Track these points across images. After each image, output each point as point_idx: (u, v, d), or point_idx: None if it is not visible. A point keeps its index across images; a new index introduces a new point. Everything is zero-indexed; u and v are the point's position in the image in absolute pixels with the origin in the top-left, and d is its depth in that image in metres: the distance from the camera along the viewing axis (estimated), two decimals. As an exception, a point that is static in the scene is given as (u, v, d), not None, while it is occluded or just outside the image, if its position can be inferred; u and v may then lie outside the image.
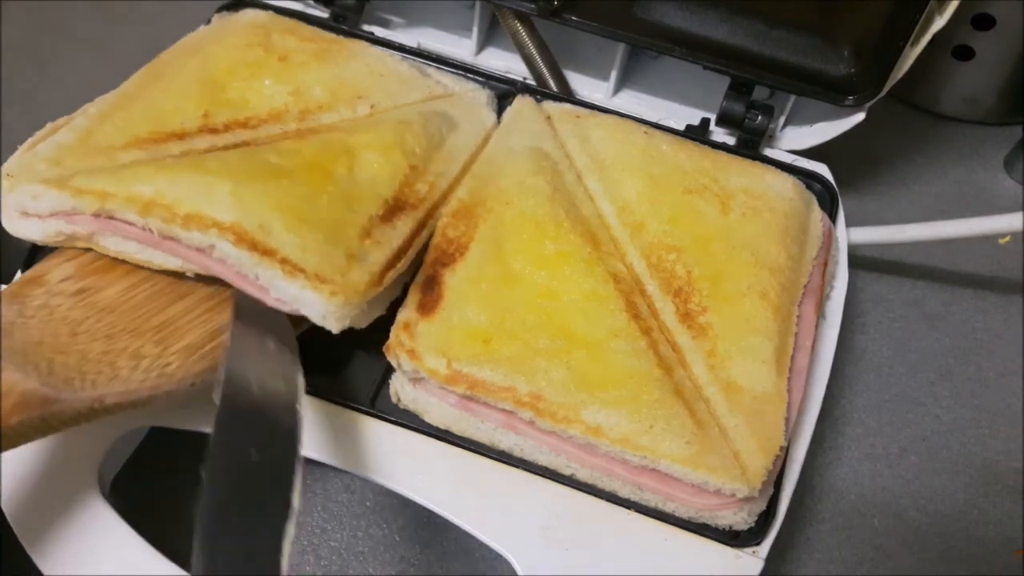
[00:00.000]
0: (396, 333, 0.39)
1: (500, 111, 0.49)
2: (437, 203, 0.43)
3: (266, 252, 0.36)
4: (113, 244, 0.38)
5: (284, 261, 0.36)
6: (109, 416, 0.33)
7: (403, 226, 0.41)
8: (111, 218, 0.37)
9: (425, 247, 0.42)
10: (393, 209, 0.41)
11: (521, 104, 0.49)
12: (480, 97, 0.50)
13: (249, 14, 0.51)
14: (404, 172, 0.42)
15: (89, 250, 0.39)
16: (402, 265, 0.40)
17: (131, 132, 0.41)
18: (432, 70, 0.51)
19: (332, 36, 0.50)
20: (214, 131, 0.42)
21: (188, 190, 0.37)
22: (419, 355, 0.38)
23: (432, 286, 0.40)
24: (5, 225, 0.39)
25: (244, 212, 0.37)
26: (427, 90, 0.49)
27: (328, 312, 0.37)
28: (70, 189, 0.37)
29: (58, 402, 0.31)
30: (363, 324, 0.39)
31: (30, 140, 0.40)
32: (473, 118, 0.48)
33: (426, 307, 0.39)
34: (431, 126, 0.45)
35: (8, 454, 0.35)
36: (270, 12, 0.51)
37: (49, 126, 0.41)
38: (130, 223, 0.37)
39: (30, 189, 0.37)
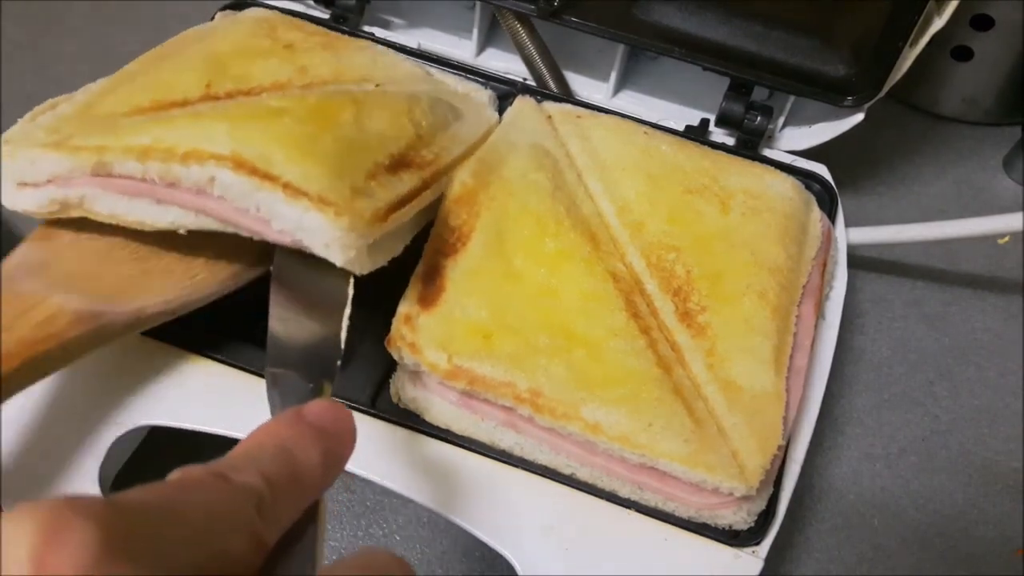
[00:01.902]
0: (397, 326, 0.39)
1: (500, 112, 0.49)
2: (441, 171, 0.42)
3: (267, 177, 0.34)
4: (106, 206, 0.37)
5: (287, 186, 0.34)
6: (154, 323, 0.38)
7: (408, 180, 0.40)
8: (109, 175, 0.36)
9: (429, 213, 0.41)
10: (399, 164, 0.40)
11: (522, 104, 0.49)
12: (482, 97, 0.50)
13: (254, 11, 0.51)
14: (411, 136, 0.41)
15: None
16: (407, 211, 0.38)
17: (133, 102, 0.41)
18: (435, 71, 0.51)
19: (338, 34, 0.50)
20: (216, 99, 0.41)
21: (185, 134, 0.36)
22: (420, 349, 0.38)
23: (433, 277, 0.40)
24: (4, 200, 0.38)
25: (244, 144, 0.35)
26: (431, 85, 0.49)
27: (333, 238, 0.34)
28: (67, 148, 0.36)
29: (105, 315, 0.35)
30: (364, 269, 0.36)
31: (30, 113, 0.40)
32: (477, 115, 0.48)
33: (427, 300, 0.39)
34: (438, 109, 0.45)
35: (7, 452, 0.36)
36: (275, 11, 0.51)
37: (49, 102, 0.41)
38: (128, 176, 0.36)
39: (28, 154, 0.37)
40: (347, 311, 0.34)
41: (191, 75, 0.42)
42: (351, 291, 0.35)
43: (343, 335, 0.33)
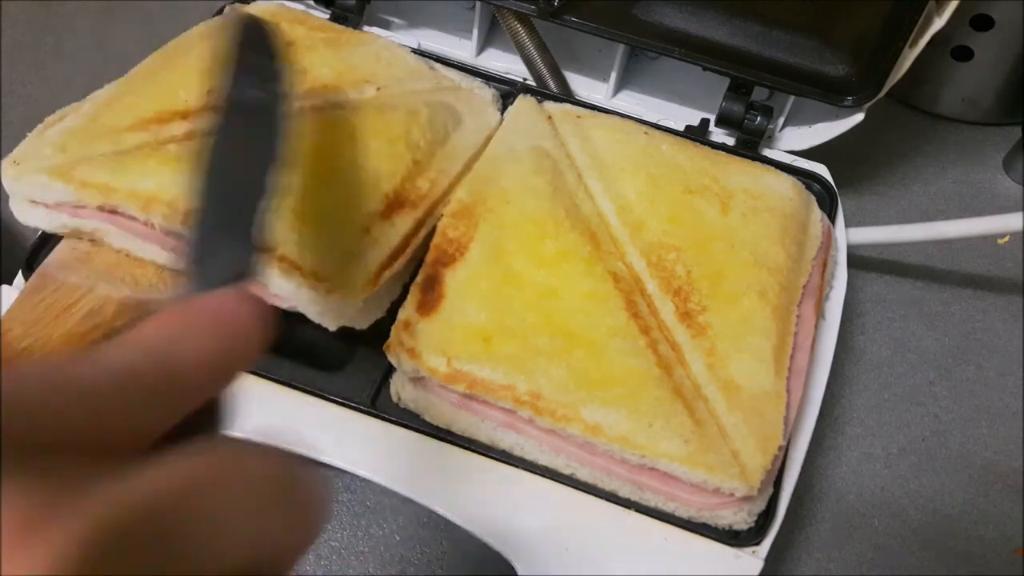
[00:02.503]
0: (396, 332, 0.39)
1: (501, 111, 0.49)
2: (436, 202, 0.43)
3: (263, 249, 0.35)
4: (117, 240, 0.39)
5: (281, 259, 0.36)
6: None
7: (402, 224, 0.41)
8: (115, 212, 0.37)
9: (423, 247, 0.42)
10: (393, 205, 0.41)
11: (523, 104, 0.49)
12: (486, 95, 0.50)
13: (260, 5, 0.51)
14: (407, 166, 0.42)
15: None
16: (398, 265, 0.40)
17: (136, 113, 0.41)
18: (439, 66, 0.51)
19: (342, 28, 0.50)
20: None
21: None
22: (419, 354, 0.38)
23: (432, 286, 0.40)
24: (15, 213, 0.39)
25: None
26: (435, 81, 0.49)
27: (325, 310, 0.37)
28: (75, 182, 0.37)
29: (151, 303, 0.36)
30: (362, 325, 0.39)
31: (40, 126, 0.41)
32: (478, 116, 0.48)
33: (426, 306, 0.39)
34: (437, 121, 0.45)
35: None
36: (280, 3, 0.51)
37: (59, 112, 0.41)
38: (133, 218, 0.37)
39: (36, 179, 0.38)
40: (268, 200, 0.31)
41: (192, 81, 0.42)
42: (274, 179, 0.33)
43: (265, 222, 0.30)
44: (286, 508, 0.18)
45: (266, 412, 0.39)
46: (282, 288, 0.37)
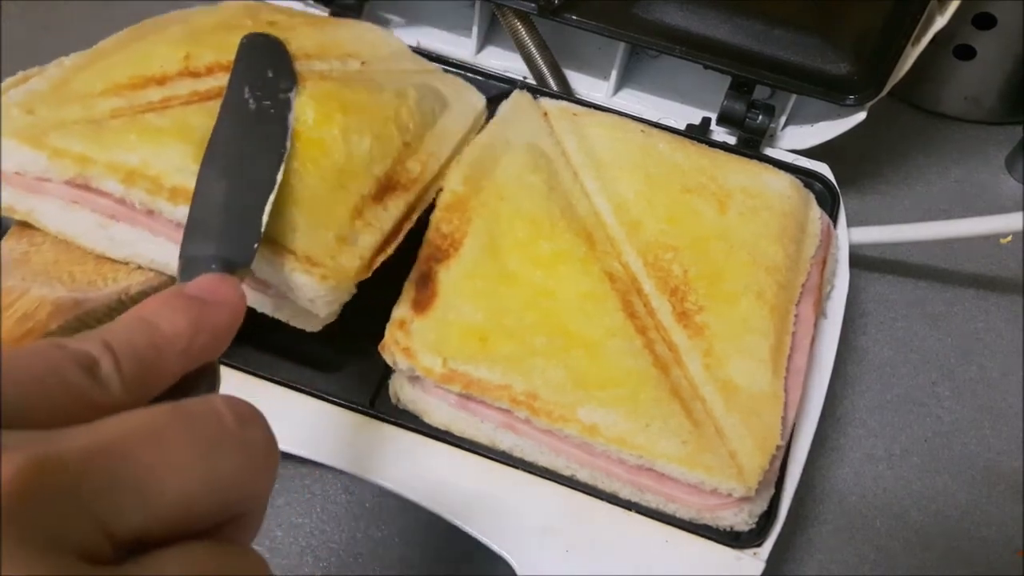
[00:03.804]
0: (391, 331, 0.38)
1: (494, 108, 0.49)
2: (428, 186, 0.42)
3: (259, 241, 0.34)
4: (56, 222, 0.36)
5: (272, 242, 0.35)
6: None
7: (394, 208, 0.40)
8: (86, 187, 0.35)
9: (414, 236, 0.41)
10: (385, 188, 0.40)
11: (518, 99, 0.48)
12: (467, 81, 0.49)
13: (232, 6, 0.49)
14: (398, 148, 0.41)
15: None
16: (390, 250, 0.39)
17: (109, 78, 0.39)
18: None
19: (323, 16, 0.49)
20: (195, 74, 0.40)
21: (173, 163, 0.35)
22: (414, 353, 0.37)
23: (426, 283, 0.39)
24: None
25: None
26: (418, 63, 0.48)
27: (317, 296, 0.35)
28: (47, 149, 0.35)
29: (88, 301, 0.34)
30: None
31: None
32: (463, 99, 0.47)
33: (420, 304, 0.39)
34: (425, 104, 0.44)
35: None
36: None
37: (20, 74, 0.39)
38: (106, 194, 0.35)
39: (4, 143, 0.35)
40: (272, 196, 0.34)
41: (169, 48, 0.41)
42: (280, 177, 0.35)
43: (264, 218, 0.33)
44: (231, 448, 0.20)
45: (266, 412, 0.39)
46: (272, 273, 0.35)
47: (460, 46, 0.56)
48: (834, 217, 0.48)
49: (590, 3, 0.50)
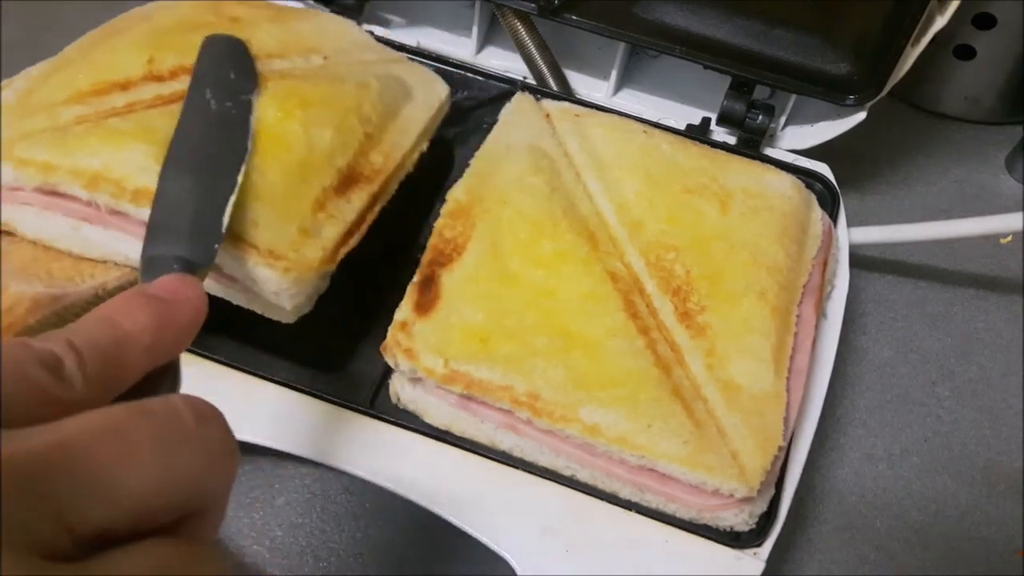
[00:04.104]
0: (393, 333, 0.38)
1: (498, 111, 0.49)
2: (391, 177, 0.42)
3: (221, 241, 0.34)
4: (33, 228, 0.37)
5: (235, 237, 0.35)
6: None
7: (357, 200, 0.40)
8: (54, 193, 0.36)
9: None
10: (347, 180, 0.40)
11: (521, 101, 0.48)
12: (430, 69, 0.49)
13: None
14: (360, 139, 0.41)
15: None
16: (354, 242, 0.39)
17: (72, 86, 0.39)
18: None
19: (286, 6, 0.49)
20: (159, 78, 0.40)
21: (136, 164, 0.35)
22: (416, 355, 0.37)
23: (429, 286, 0.39)
24: None
25: None
26: (381, 53, 0.48)
27: (281, 289, 0.36)
28: (13, 160, 0.36)
29: (66, 297, 0.35)
30: (309, 307, 0.38)
31: None
32: (427, 87, 0.47)
33: (423, 307, 0.39)
34: (387, 94, 0.44)
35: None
36: None
37: None
38: (74, 198, 0.36)
39: None
40: (233, 197, 0.34)
41: (132, 53, 0.41)
42: (241, 178, 0.35)
43: (226, 219, 0.33)
44: (190, 445, 0.20)
45: (267, 412, 0.39)
46: (235, 265, 0.35)
47: (460, 46, 0.56)
48: (834, 217, 0.48)
49: (590, 3, 0.50)
